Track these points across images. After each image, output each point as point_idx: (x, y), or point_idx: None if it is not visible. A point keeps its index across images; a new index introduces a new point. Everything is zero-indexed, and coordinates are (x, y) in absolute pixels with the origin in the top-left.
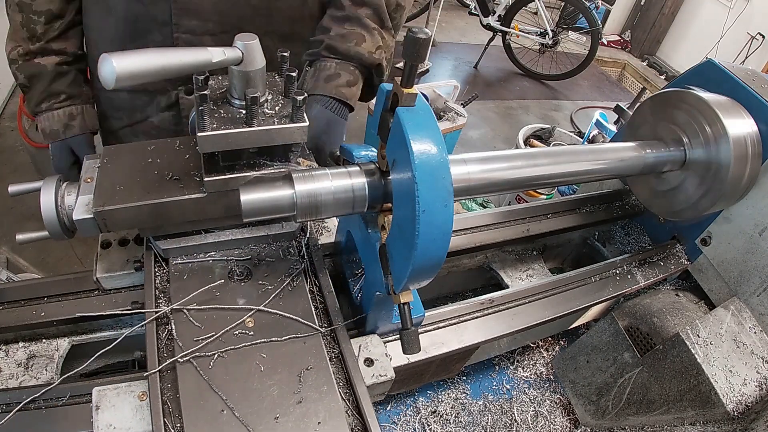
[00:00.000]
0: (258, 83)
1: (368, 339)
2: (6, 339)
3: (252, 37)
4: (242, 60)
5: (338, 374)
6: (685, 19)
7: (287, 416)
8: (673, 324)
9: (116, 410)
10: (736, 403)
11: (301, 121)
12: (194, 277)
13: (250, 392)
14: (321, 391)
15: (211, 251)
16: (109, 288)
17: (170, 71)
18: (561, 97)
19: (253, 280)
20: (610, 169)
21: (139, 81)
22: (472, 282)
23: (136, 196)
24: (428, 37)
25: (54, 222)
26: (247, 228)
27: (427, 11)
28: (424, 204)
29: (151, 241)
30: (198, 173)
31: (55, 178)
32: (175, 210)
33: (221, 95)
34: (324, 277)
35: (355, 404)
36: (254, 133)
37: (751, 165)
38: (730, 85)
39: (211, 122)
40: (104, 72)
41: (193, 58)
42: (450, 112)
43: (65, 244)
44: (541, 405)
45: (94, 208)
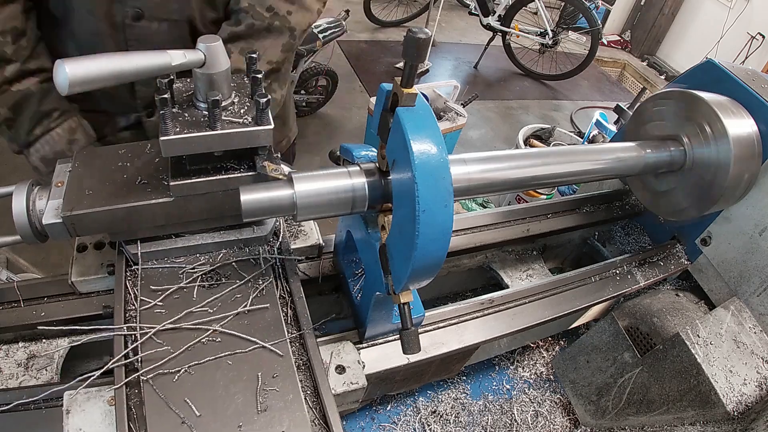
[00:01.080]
0: (222, 86)
1: (340, 346)
2: (6, 339)
3: (215, 38)
4: (204, 62)
5: (306, 382)
6: (685, 19)
7: (251, 425)
8: (673, 324)
9: (86, 414)
10: (736, 403)
11: (266, 123)
12: (164, 282)
13: (214, 400)
14: (286, 400)
15: (181, 255)
16: (85, 291)
17: (127, 75)
18: (561, 97)
19: (223, 285)
20: (610, 169)
21: (95, 86)
22: (472, 282)
23: (104, 200)
24: (428, 37)
25: (26, 226)
26: (217, 232)
27: (427, 11)
28: (424, 204)
29: (122, 245)
30: (166, 177)
31: (27, 182)
32: (142, 214)
33: (187, 98)
34: (295, 282)
35: (321, 413)
36: (217, 137)
37: (751, 165)
38: (730, 85)
39: (174, 126)
40: (58, 78)
41: (151, 62)
42: (450, 112)
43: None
44: (541, 405)
45: (62, 213)
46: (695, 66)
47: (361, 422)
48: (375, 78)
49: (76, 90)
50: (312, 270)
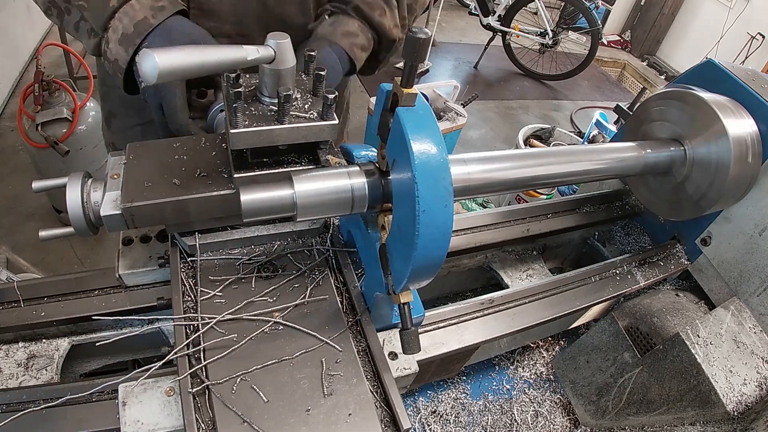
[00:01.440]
0: (288, 81)
1: (392, 333)
2: (6, 339)
3: (284, 36)
4: (274, 58)
5: (366, 367)
6: (685, 19)
7: (318, 408)
8: (673, 324)
9: (143, 406)
10: (736, 403)
11: (331, 119)
12: (220, 274)
13: (281, 386)
14: (350, 384)
15: (236, 248)
16: (131, 284)
17: (209, 68)
18: (561, 97)
19: (279, 276)
20: (610, 169)
21: (179, 77)
22: (472, 282)
23: (164, 192)
24: (428, 37)
25: (80, 218)
26: (272, 224)
27: (427, 11)
28: (424, 204)
29: (176, 237)
30: (225, 170)
31: (80, 174)
32: (203, 206)
33: (250, 93)
34: (349, 272)
35: (383, 396)
36: (285, 131)
37: (751, 165)
38: (730, 85)
39: (243, 119)
40: (146, 67)
41: (230, 56)
42: (450, 112)
43: (65, 244)
44: (541, 405)
45: (122, 204)
46: (695, 66)
47: None
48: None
49: (164, 80)
50: None
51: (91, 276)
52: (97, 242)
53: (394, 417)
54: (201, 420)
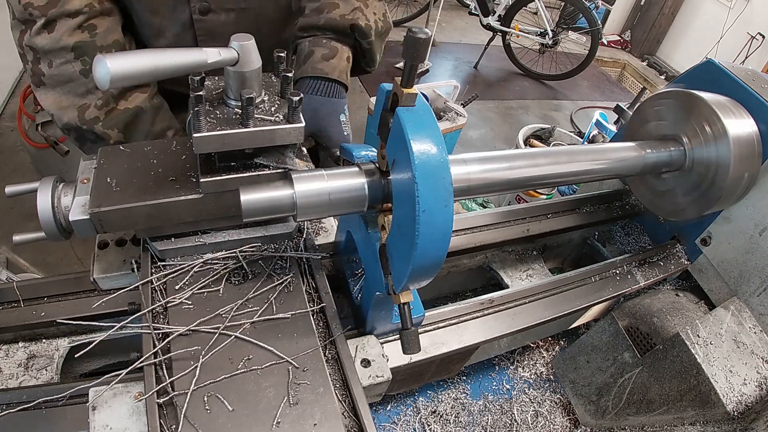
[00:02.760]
0: (254, 84)
1: (365, 340)
2: (6, 339)
3: (248, 37)
4: (238, 60)
5: (335, 375)
6: (685, 19)
7: (283, 417)
8: (673, 324)
9: (112, 411)
10: (736, 403)
11: (297, 122)
12: (190, 279)
13: (246, 394)
14: (317, 393)
15: (207, 252)
16: (107, 288)
17: (164, 72)
18: (561, 97)
19: (250, 282)
20: (610, 169)
21: (134, 82)
22: (472, 282)
23: (132, 197)
24: (428, 37)
25: (51, 223)
26: (243, 229)
27: (427, 11)
28: (424, 204)
29: (147, 242)
30: (194, 174)
31: (51, 179)
32: (171, 211)
33: (217, 96)
34: (321, 278)
35: (351, 406)
36: (250, 134)
37: (751, 165)
38: (730, 85)
39: (207, 123)
40: (98, 73)
41: (188, 59)
42: (450, 112)
43: (65, 245)
44: (541, 405)
45: (90, 209)
46: (695, 66)
47: None
48: (375, 78)
49: (117, 85)
50: None
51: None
52: None
53: (362, 427)
54: (166, 427)
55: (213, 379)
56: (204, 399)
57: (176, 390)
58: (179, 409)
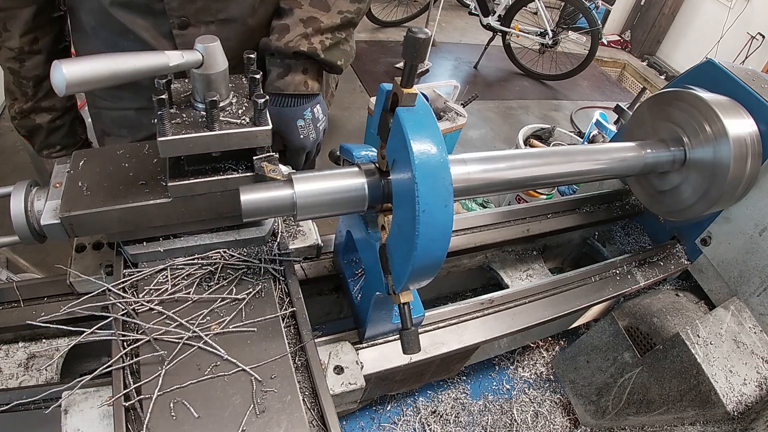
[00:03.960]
0: (220, 86)
1: (339, 346)
2: (6, 339)
3: (213, 39)
4: (203, 63)
5: (305, 383)
6: (685, 19)
7: (249, 426)
8: (673, 324)
9: (84, 414)
10: (736, 403)
11: (264, 124)
12: (162, 283)
13: (212, 401)
14: (284, 401)
15: (179, 256)
16: (83, 291)
17: (124, 76)
18: (561, 97)
19: (222, 286)
20: (610, 169)
21: (92, 87)
22: (472, 282)
23: (102, 201)
24: (428, 37)
25: (24, 227)
26: (215, 233)
27: (427, 11)
28: (424, 204)
29: (120, 246)
30: (164, 178)
31: (25, 183)
32: (141, 215)
33: (185, 99)
34: (293, 283)
35: (319, 414)
36: (215, 137)
37: (751, 165)
38: (730, 85)
39: (172, 127)
40: (55, 79)
41: (149, 62)
42: (450, 112)
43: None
44: (541, 405)
45: (60, 214)
46: (695, 66)
47: (361, 422)
48: (375, 78)
49: (74, 91)
50: (312, 270)
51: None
52: None
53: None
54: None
55: (179, 385)
56: (170, 405)
57: (143, 395)
58: (143, 414)
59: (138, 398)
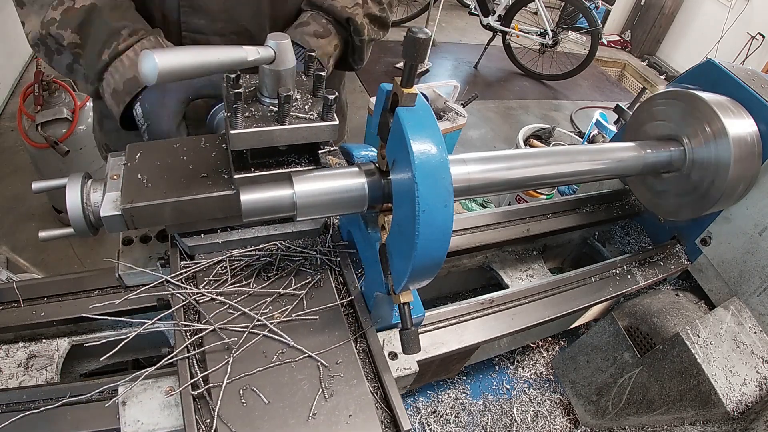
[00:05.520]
0: (288, 82)
1: (392, 333)
2: (6, 339)
3: (284, 36)
4: (274, 59)
5: (366, 368)
6: (685, 19)
7: (319, 409)
8: (673, 324)
9: (143, 406)
10: (736, 403)
11: (331, 120)
12: (220, 275)
13: (281, 387)
14: (350, 385)
15: (236, 248)
16: (132, 284)
17: (208, 68)
18: (561, 97)
19: (280, 277)
20: (610, 169)
21: (179, 77)
22: (472, 282)
23: (164, 193)
24: (428, 37)
25: (80, 219)
26: (272, 225)
27: (427, 11)
28: (424, 204)
29: (176, 238)
30: (225, 171)
31: (80, 174)
32: (203, 207)
33: (250, 94)
34: (349, 272)
35: (383, 397)
36: (286, 131)
37: (751, 165)
38: (730, 85)
39: (243, 120)
40: (146, 68)
41: (230, 56)
42: (450, 112)
43: (65, 244)
44: (541, 405)
45: (122, 205)
46: (695, 66)
47: None
48: (375, 78)
49: (164, 80)
50: None
51: (91, 276)
52: (97, 242)
53: (395, 418)
54: (201, 421)
55: (247, 372)
56: (239, 393)
57: (211, 383)
58: (213, 402)
59: (206, 387)
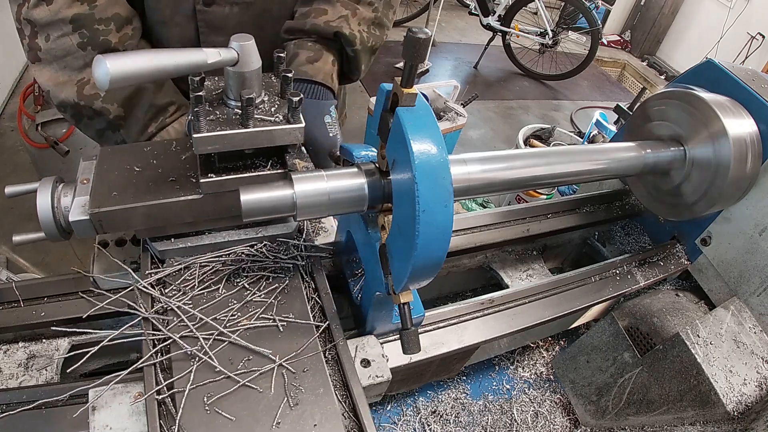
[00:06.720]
0: (254, 84)
1: (365, 340)
2: (6, 339)
3: (248, 37)
4: (238, 61)
5: (334, 376)
6: (685, 19)
7: (283, 418)
8: (673, 324)
9: (112, 411)
10: (736, 403)
11: (297, 122)
12: (189, 280)
13: (247, 394)
14: (317, 394)
15: (207, 252)
16: (106, 288)
17: (164, 72)
18: (561, 97)
19: (250, 283)
20: (610, 169)
21: (133, 82)
22: (472, 282)
23: (132, 197)
24: (428, 37)
25: (50, 223)
26: (243, 229)
27: (427, 11)
28: (424, 204)
29: (147, 242)
30: (194, 175)
31: (51, 179)
32: (171, 211)
33: (217, 96)
34: (320, 278)
35: (351, 406)
36: (250, 135)
37: (751, 165)
38: (730, 85)
39: (207, 123)
40: (98, 73)
41: (188, 59)
42: (450, 112)
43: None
44: (541, 405)
45: (90, 210)
46: (695, 66)
47: None
48: (374, 78)
49: (117, 85)
50: None
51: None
52: None
53: (362, 428)
54: (165, 427)
55: (212, 380)
56: (203, 399)
57: (175, 389)
58: (176, 408)
59: (170, 393)
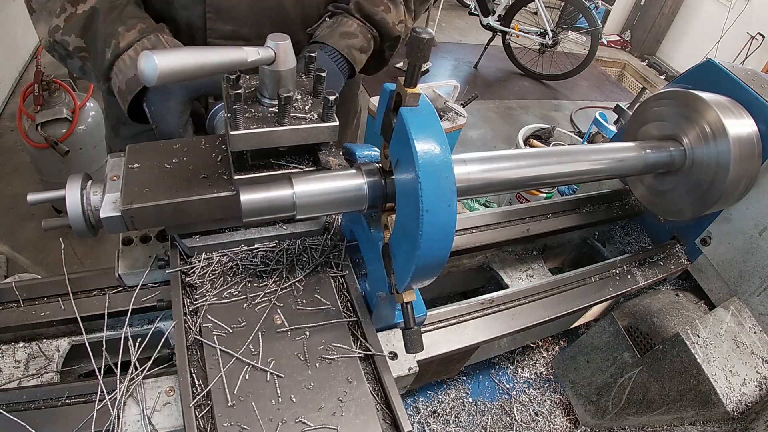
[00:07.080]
0: (289, 83)
1: (392, 333)
2: (6, 339)
3: (284, 37)
4: (275, 60)
5: (366, 369)
6: (685, 19)
7: (319, 411)
8: (673, 324)
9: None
10: (736, 403)
11: (332, 120)
12: (220, 276)
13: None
14: (351, 386)
15: (236, 248)
16: (131, 284)
17: (208, 69)
18: (561, 97)
19: (280, 278)
20: (610, 169)
21: (179, 78)
22: (472, 282)
23: (164, 194)
24: (431, 37)
25: (79, 220)
26: (272, 226)
27: (427, 11)
28: (428, 203)
29: (176, 238)
30: (225, 172)
31: (79, 176)
32: (203, 208)
33: (250, 94)
34: (349, 273)
35: (383, 398)
36: (286, 132)
37: (751, 165)
38: (730, 85)
39: (243, 121)
40: (146, 68)
41: (230, 57)
42: (450, 112)
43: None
44: (541, 405)
45: (122, 206)
46: (695, 66)
47: None
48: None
49: (164, 81)
50: None
51: (91, 276)
52: (97, 242)
53: (395, 418)
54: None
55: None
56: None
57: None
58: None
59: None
